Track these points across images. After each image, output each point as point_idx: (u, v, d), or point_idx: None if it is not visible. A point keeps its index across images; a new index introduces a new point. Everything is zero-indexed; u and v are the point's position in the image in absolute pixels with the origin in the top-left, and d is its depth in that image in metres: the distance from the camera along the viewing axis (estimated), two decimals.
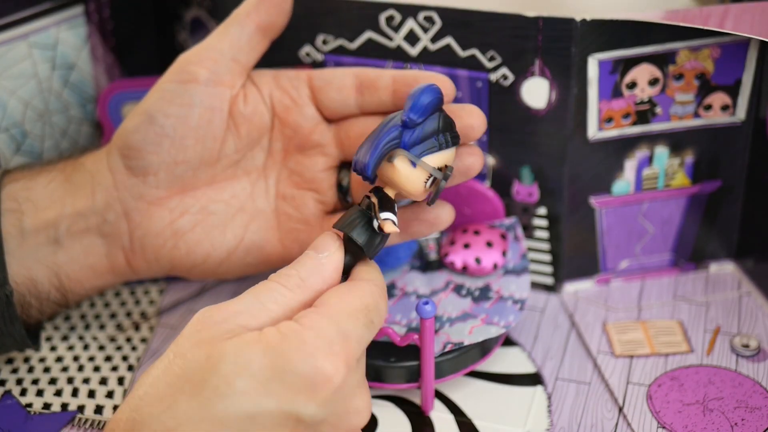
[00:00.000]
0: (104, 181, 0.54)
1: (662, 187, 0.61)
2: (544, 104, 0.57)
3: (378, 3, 0.58)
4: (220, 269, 0.56)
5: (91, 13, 0.68)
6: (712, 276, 0.64)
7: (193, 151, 0.53)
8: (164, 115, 0.52)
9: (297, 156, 0.55)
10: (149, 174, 0.53)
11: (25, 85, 0.64)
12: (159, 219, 0.54)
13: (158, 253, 0.55)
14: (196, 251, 0.55)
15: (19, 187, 0.54)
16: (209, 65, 0.53)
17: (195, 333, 0.42)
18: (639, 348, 0.57)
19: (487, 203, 0.60)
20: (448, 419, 0.53)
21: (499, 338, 0.56)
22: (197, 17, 0.68)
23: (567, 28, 0.55)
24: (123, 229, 0.54)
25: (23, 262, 0.53)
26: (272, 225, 0.56)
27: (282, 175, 0.56)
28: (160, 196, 0.54)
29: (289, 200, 0.55)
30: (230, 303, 0.43)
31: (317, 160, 0.55)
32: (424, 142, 0.46)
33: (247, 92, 0.54)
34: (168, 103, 0.52)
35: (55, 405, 0.54)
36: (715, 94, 0.58)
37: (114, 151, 0.54)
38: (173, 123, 0.52)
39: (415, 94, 0.46)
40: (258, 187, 0.56)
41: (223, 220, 0.55)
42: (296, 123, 0.54)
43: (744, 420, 0.51)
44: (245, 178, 0.55)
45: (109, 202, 0.54)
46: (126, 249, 0.55)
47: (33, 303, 0.54)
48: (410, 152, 0.46)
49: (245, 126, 0.54)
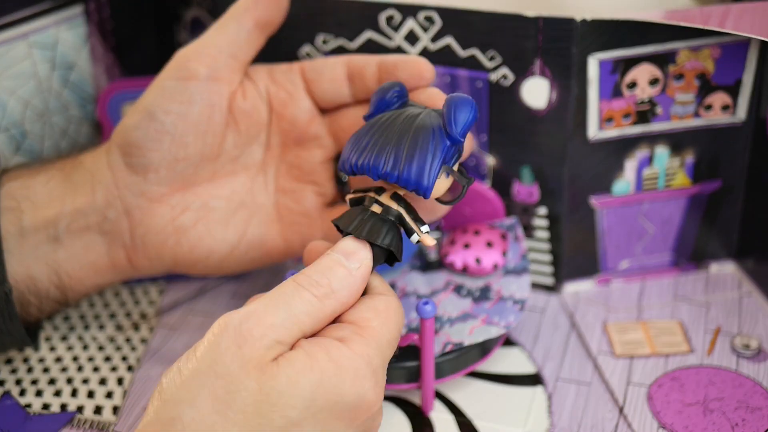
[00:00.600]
0: (104, 178, 0.54)
1: (662, 187, 0.61)
2: (545, 104, 0.57)
3: (378, 3, 0.58)
4: (222, 265, 0.56)
5: (91, 13, 0.68)
6: (712, 276, 0.64)
7: (194, 148, 0.53)
8: (164, 112, 0.52)
9: (295, 149, 0.55)
10: (150, 171, 0.53)
11: (25, 85, 0.64)
12: (160, 216, 0.54)
13: (160, 250, 0.55)
14: (199, 247, 0.55)
15: (18, 185, 0.54)
16: (208, 62, 0.53)
17: (235, 349, 0.41)
18: (639, 348, 0.57)
19: (487, 203, 0.60)
20: (448, 419, 0.53)
21: (499, 338, 0.56)
22: (197, 17, 0.68)
23: (567, 28, 0.54)
24: (124, 226, 0.54)
25: (23, 261, 0.53)
26: (273, 219, 0.56)
27: (281, 169, 0.56)
28: (162, 193, 0.54)
29: (289, 194, 0.56)
30: (265, 313, 0.42)
31: (315, 153, 0.55)
32: (456, 153, 0.47)
33: (245, 88, 0.54)
34: (168, 100, 0.52)
35: (55, 405, 0.54)
36: (716, 94, 0.58)
37: (114, 149, 0.54)
38: (173, 120, 0.52)
39: (459, 109, 0.45)
40: (257, 182, 0.56)
41: (224, 216, 0.55)
42: (293, 116, 0.55)
43: (744, 420, 0.51)
44: (244, 174, 0.56)
45: (110, 200, 0.54)
46: (127, 246, 0.55)
47: (32, 301, 0.54)
48: (448, 165, 0.46)
49: (244, 121, 0.54)
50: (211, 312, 0.62)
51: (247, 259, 0.56)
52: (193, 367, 0.41)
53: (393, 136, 0.46)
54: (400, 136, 0.46)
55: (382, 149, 0.46)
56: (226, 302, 0.62)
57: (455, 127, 0.45)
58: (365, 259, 0.45)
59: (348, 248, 0.45)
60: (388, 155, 0.46)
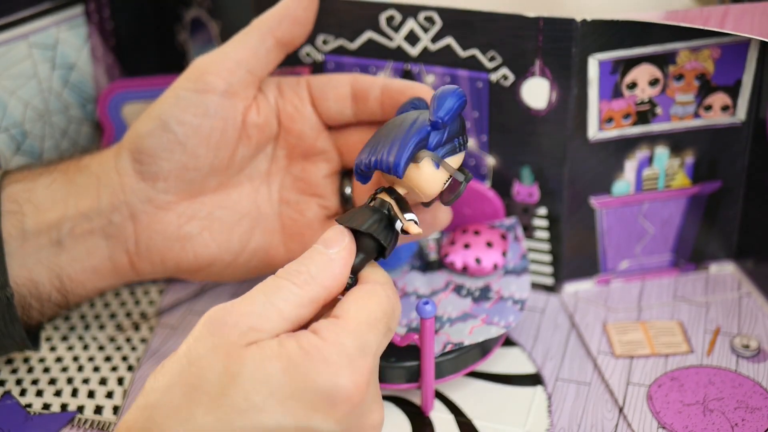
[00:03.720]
0: (111, 183, 0.54)
1: (662, 187, 0.61)
2: (545, 104, 0.57)
3: (378, 3, 0.58)
4: (225, 273, 0.56)
5: (91, 13, 0.68)
6: (712, 276, 0.64)
7: (205, 160, 0.53)
8: (178, 123, 0.52)
9: (301, 162, 0.55)
10: (159, 179, 0.53)
11: (25, 85, 0.64)
12: (167, 223, 0.54)
13: (164, 256, 0.55)
14: (203, 255, 0.55)
15: (20, 188, 0.53)
16: (225, 76, 0.52)
17: (207, 336, 0.42)
18: (639, 348, 0.57)
19: (487, 203, 0.60)
20: (448, 419, 0.53)
21: (499, 338, 0.56)
22: (197, 17, 0.68)
23: (567, 29, 0.54)
24: (128, 231, 0.54)
25: (24, 264, 0.53)
26: (276, 229, 0.56)
27: (286, 181, 0.56)
28: (169, 200, 0.54)
29: (293, 205, 0.56)
30: (241, 303, 0.43)
31: (321, 166, 0.55)
32: (446, 144, 0.47)
33: (259, 102, 0.54)
34: (183, 111, 0.52)
35: (55, 405, 0.54)
36: (716, 94, 0.58)
37: (124, 154, 0.54)
38: (187, 131, 0.52)
39: (443, 96, 0.46)
40: (261, 193, 0.56)
41: (229, 225, 0.55)
42: (300, 131, 0.55)
43: (744, 420, 0.51)
44: (249, 184, 0.56)
45: (115, 204, 0.54)
46: (131, 251, 0.55)
47: (34, 304, 0.53)
48: (435, 153, 0.46)
49: (256, 135, 0.54)
50: None
51: (249, 268, 0.56)
52: (172, 358, 0.42)
53: (388, 133, 0.47)
54: (390, 131, 0.47)
55: (376, 144, 0.47)
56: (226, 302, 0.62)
57: (437, 111, 0.46)
58: (345, 244, 0.45)
59: (327, 236, 0.46)
60: (378, 147, 0.47)
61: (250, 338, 0.41)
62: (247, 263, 0.56)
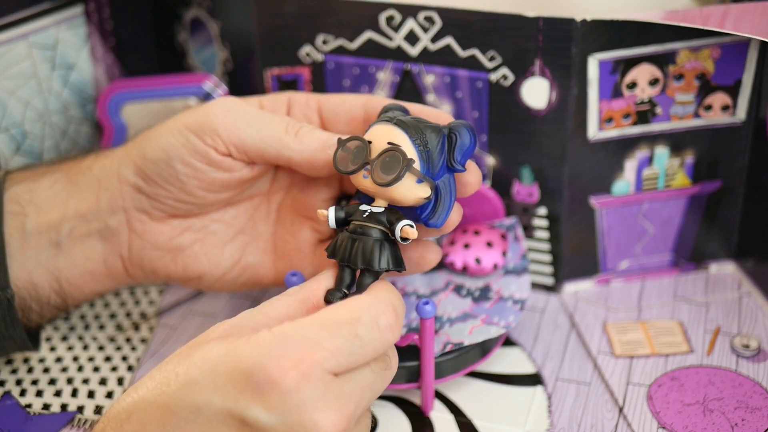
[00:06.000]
0: (111, 187, 0.54)
1: (662, 187, 0.61)
2: (545, 104, 0.57)
3: (378, 3, 0.58)
4: (215, 285, 0.56)
5: (91, 13, 0.68)
6: (712, 276, 0.64)
7: (204, 199, 0.53)
8: (183, 164, 0.52)
9: (302, 183, 0.55)
10: (156, 200, 0.53)
11: (25, 85, 0.64)
12: (160, 233, 0.54)
13: (155, 266, 0.55)
14: (193, 267, 0.55)
15: (23, 189, 0.53)
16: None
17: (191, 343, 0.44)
18: (639, 348, 0.57)
19: (487, 203, 0.60)
20: (448, 419, 0.53)
21: (499, 338, 0.56)
22: (197, 17, 0.68)
23: (567, 29, 0.54)
24: (123, 236, 0.54)
25: (25, 266, 0.53)
26: (269, 248, 0.56)
27: (285, 202, 0.56)
28: (164, 216, 0.54)
29: (288, 226, 0.55)
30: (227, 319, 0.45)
31: (321, 191, 0.55)
32: None
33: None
34: (190, 154, 0.51)
35: (55, 405, 0.54)
36: (716, 94, 0.58)
37: (129, 165, 0.53)
38: (189, 173, 0.52)
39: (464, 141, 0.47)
40: (260, 211, 0.56)
41: (222, 240, 0.55)
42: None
43: (744, 420, 0.51)
44: (248, 202, 0.56)
45: (113, 208, 0.54)
46: (124, 256, 0.55)
47: (34, 307, 0.54)
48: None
49: (261, 165, 0.53)
50: (211, 312, 0.62)
51: (238, 283, 0.56)
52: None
53: None
54: None
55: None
56: (225, 302, 0.62)
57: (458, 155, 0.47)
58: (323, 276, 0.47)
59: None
60: None
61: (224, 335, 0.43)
62: (237, 279, 0.56)
